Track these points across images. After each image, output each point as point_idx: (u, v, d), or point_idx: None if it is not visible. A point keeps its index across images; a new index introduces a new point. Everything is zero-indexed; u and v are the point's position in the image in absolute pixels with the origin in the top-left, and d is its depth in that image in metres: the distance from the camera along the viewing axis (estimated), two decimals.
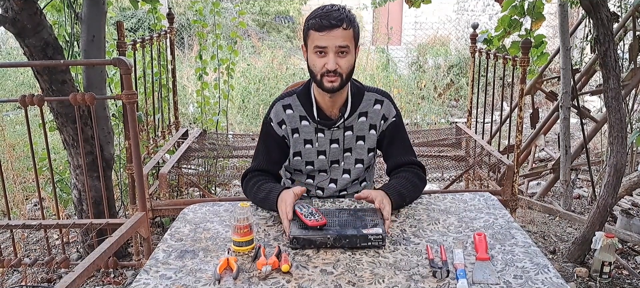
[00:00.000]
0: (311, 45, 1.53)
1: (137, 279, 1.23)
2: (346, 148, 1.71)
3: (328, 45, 1.50)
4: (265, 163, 1.71)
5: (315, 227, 1.38)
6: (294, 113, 1.68)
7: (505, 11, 2.89)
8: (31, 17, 2.23)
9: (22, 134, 4.47)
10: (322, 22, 1.48)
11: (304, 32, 1.55)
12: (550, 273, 1.23)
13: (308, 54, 1.57)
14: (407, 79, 7.08)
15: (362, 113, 1.68)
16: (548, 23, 7.79)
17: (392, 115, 1.70)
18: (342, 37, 1.50)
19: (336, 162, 1.73)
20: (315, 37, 1.51)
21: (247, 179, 1.69)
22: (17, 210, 3.46)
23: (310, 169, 1.74)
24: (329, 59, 1.51)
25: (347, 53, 1.52)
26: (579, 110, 3.51)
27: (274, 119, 1.69)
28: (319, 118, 1.65)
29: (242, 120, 5.88)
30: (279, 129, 1.69)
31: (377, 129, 1.70)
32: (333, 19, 1.48)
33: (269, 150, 1.71)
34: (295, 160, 1.73)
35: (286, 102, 1.69)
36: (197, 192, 3.51)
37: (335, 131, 1.68)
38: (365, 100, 1.68)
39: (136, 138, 2.00)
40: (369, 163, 1.77)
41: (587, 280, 2.64)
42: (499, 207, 1.63)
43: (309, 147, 1.70)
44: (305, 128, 1.68)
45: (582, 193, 3.94)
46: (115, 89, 3.13)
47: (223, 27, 4.18)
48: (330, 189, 1.77)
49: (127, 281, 2.69)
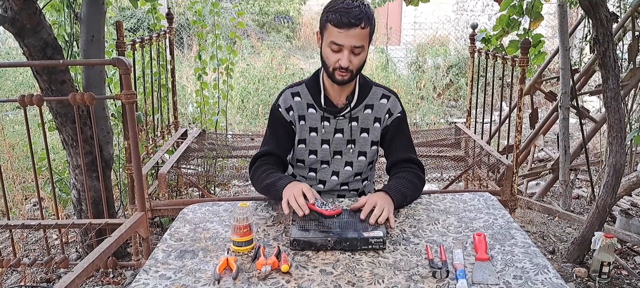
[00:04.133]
0: (327, 38, 1.54)
1: (136, 279, 1.23)
2: (350, 139, 1.72)
3: (344, 44, 1.51)
4: (274, 147, 1.72)
5: (332, 216, 1.42)
6: (301, 100, 1.70)
7: (503, 11, 2.89)
8: (30, 16, 2.23)
9: (22, 134, 4.46)
10: (342, 20, 1.48)
11: (322, 22, 1.55)
12: (550, 274, 1.23)
13: (322, 45, 1.58)
14: (406, 79, 7.08)
15: (369, 105, 1.70)
16: (547, 23, 7.81)
17: (398, 111, 1.72)
18: (359, 37, 1.51)
19: (339, 153, 1.74)
20: (332, 32, 1.51)
21: (256, 166, 1.70)
22: (17, 210, 3.46)
23: (313, 160, 1.74)
24: (343, 56, 1.52)
25: (361, 51, 1.54)
26: (578, 110, 3.51)
27: (283, 105, 1.71)
28: (325, 105, 1.67)
29: (242, 120, 5.88)
30: (286, 115, 1.71)
31: (382, 123, 1.71)
32: (353, 17, 1.48)
33: (277, 136, 1.73)
34: (300, 147, 1.73)
35: (295, 89, 1.72)
36: (197, 192, 3.51)
37: (340, 120, 1.69)
38: (372, 93, 1.71)
39: (135, 138, 2.00)
40: (371, 158, 1.77)
41: (586, 280, 2.65)
42: (498, 207, 1.63)
43: (313, 135, 1.71)
44: (311, 116, 1.70)
45: (581, 193, 3.94)
46: (114, 89, 3.13)
47: (222, 27, 4.18)
48: (332, 182, 1.77)
49: (126, 281, 2.69)
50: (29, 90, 5.50)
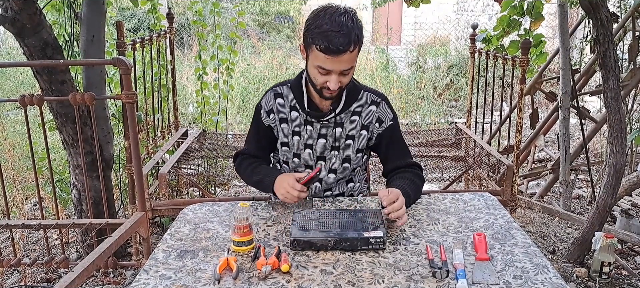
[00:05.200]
0: (314, 60, 1.45)
1: (136, 279, 1.23)
2: (334, 145, 1.66)
3: (333, 69, 1.44)
4: (254, 148, 1.76)
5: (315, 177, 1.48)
6: (284, 102, 1.67)
7: (504, 11, 2.89)
8: (31, 16, 2.23)
9: (22, 134, 4.46)
10: (330, 47, 1.39)
11: (306, 40, 1.46)
12: (550, 274, 1.23)
13: (308, 64, 1.50)
14: (406, 79, 7.08)
15: (356, 112, 1.64)
16: (548, 23, 7.80)
17: (389, 118, 1.67)
18: (348, 61, 1.44)
19: (322, 159, 1.69)
20: (319, 57, 1.43)
21: (240, 160, 1.75)
22: (17, 210, 3.46)
23: (296, 163, 1.71)
24: (331, 79, 1.46)
25: (350, 71, 1.49)
26: (579, 110, 3.51)
27: (264, 107, 1.70)
28: (309, 108, 1.63)
29: (242, 120, 5.88)
30: (266, 118, 1.70)
31: (370, 131, 1.66)
32: (341, 44, 1.38)
33: (258, 137, 1.75)
34: (283, 150, 1.71)
35: (278, 90, 1.69)
36: (197, 192, 3.51)
37: (324, 125, 1.65)
38: (360, 99, 1.65)
39: (136, 138, 2.00)
40: (356, 165, 1.72)
41: (587, 280, 2.64)
42: (498, 207, 1.63)
43: (296, 139, 1.68)
44: (294, 119, 1.66)
45: (581, 193, 3.94)
46: (114, 89, 3.13)
47: (223, 27, 4.18)
48: (315, 188, 1.72)
49: (126, 281, 2.69)
50: (30, 90, 5.50)
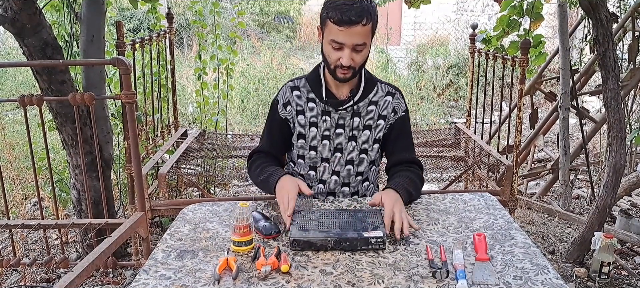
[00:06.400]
0: (328, 35, 1.50)
1: (136, 279, 1.23)
2: (351, 135, 1.68)
3: (346, 42, 1.47)
4: (267, 145, 1.75)
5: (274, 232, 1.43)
6: (301, 94, 1.68)
7: (504, 11, 2.89)
8: (30, 16, 2.23)
9: (22, 134, 4.46)
10: (343, 17, 1.43)
11: (322, 17, 1.51)
12: (550, 274, 1.23)
13: (323, 42, 1.54)
14: (406, 79, 7.09)
15: (373, 102, 1.66)
16: (547, 23, 7.80)
17: (402, 109, 1.70)
18: (361, 35, 1.47)
19: (339, 151, 1.69)
20: (333, 30, 1.47)
21: (252, 160, 1.74)
22: (16, 210, 3.46)
23: (313, 156, 1.71)
24: (344, 55, 1.49)
25: (363, 48, 1.51)
26: (578, 110, 3.51)
27: (281, 100, 1.70)
28: (327, 97, 1.64)
29: (242, 120, 5.88)
30: (283, 110, 1.69)
31: (386, 120, 1.68)
32: (354, 14, 1.43)
33: (272, 134, 1.74)
34: (299, 143, 1.71)
35: (295, 83, 1.70)
36: (197, 192, 3.51)
37: (342, 115, 1.66)
38: (377, 89, 1.67)
39: (135, 138, 2.00)
40: (373, 157, 1.73)
41: (586, 280, 2.65)
42: (498, 208, 1.63)
43: (313, 131, 1.68)
44: (311, 110, 1.67)
45: (581, 193, 3.94)
46: (114, 89, 3.13)
47: (222, 27, 4.18)
48: (332, 182, 1.73)
49: (126, 281, 2.69)
50: (29, 90, 5.49)
